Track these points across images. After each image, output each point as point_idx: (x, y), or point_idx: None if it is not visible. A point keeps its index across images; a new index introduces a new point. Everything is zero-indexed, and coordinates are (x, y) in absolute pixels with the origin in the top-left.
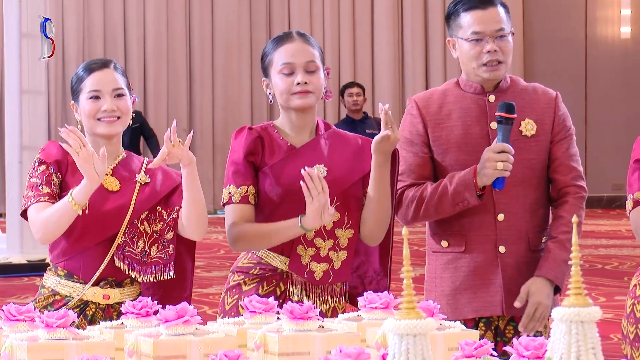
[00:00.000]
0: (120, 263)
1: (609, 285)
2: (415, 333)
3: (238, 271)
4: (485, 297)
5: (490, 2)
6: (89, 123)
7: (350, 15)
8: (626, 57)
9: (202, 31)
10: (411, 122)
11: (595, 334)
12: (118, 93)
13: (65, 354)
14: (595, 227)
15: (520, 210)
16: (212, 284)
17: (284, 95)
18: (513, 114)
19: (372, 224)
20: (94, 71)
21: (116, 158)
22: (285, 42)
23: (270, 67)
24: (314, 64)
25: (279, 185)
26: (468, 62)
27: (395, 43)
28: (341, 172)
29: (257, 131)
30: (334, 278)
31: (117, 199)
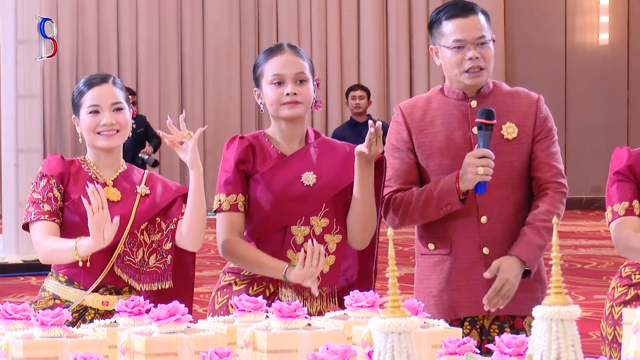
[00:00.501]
0: (120, 271)
1: (588, 284)
2: (400, 331)
3: (229, 272)
4: (470, 297)
5: (471, 11)
6: (89, 136)
7: (337, 22)
8: (604, 64)
9: (193, 39)
10: (397, 129)
11: (575, 332)
12: (117, 107)
13: (59, 352)
14: (574, 228)
15: (503, 212)
16: (203, 283)
17: (274, 105)
18: (492, 120)
19: (358, 227)
20: (94, 86)
21: (117, 170)
22: (276, 54)
23: (261, 77)
24: (304, 75)
25: (270, 191)
26: (450, 68)
27: (380, 50)
28: (330, 178)
29: (249, 140)
30: (323, 282)
31: (118, 210)
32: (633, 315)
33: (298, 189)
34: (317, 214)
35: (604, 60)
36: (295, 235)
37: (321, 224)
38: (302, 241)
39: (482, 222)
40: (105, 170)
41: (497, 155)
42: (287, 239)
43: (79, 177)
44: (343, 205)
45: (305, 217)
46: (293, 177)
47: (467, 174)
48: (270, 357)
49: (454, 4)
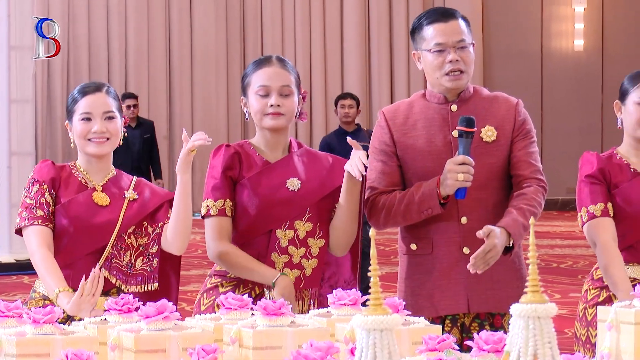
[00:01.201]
0: (107, 274)
1: (564, 282)
2: (382, 328)
3: (215, 275)
4: (451, 296)
5: (451, 16)
6: (80, 142)
7: (320, 33)
8: (579, 69)
9: (180, 46)
10: (380, 133)
11: (551, 329)
12: (108, 116)
13: (51, 349)
14: (550, 228)
15: (483, 213)
16: (190, 282)
17: (257, 115)
18: (473, 128)
19: (341, 234)
20: (87, 94)
21: (106, 175)
22: (264, 65)
23: (248, 87)
24: (289, 89)
25: (256, 196)
26: (432, 72)
27: (362, 59)
28: (314, 185)
29: (234, 148)
30: (305, 284)
31: (107, 214)
32: (607, 313)
33: (283, 194)
34: (301, 218)
35: (579, 65)
36: (280, 239)
37: (305, 228)
38: (286, 244)
39: (463, 222)
40: (95, 175)
41: (476, 157)
42: (272, 243)
43: (69, 182)
44: (326, 210)
45: (289, 221)
46: (279, 182)
47: (447, 179)
48: (256, 353)
49: (434, 10)
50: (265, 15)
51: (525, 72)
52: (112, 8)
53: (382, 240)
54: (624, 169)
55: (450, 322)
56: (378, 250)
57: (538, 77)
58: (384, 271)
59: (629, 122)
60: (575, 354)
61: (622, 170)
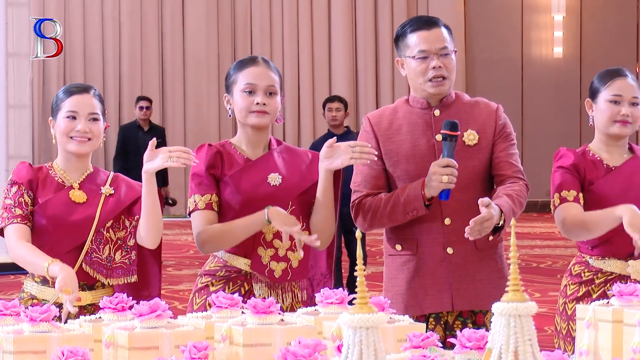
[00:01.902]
0: (88, 268)
1: (544, 282)
2: (368, 326)
3: (205, 274)
4: (435, 294)
5: (434, 24)
6: (62, 139)
7: (308, 36)
8: (559, 75)
9: (173, 52)
10: (365, 137)
11: (532, 327)
12: (93, 117)
13: (47, 346)
14: (530, 230)
15: (466, 213)
16: (182, 281)
17: (243, 112)
18: (456, 132)
19: (320, 228)
20: (75, 94)
21: (84, 173)
22: (250, 64)
23: (233, 85)
24: (274, 88)
25: (239, 192)
26: (415, 78)
27: (349, 63)
28: (295, 180)
29: (216, 147)
30: (292, 276)
31: (84, 210)
32: (586, 312)
33: (265, 189)
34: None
35: (558, 72)
36: (265, 233)
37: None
38: (271, 238)
39: (446, 223)
40: (73, 174)
41: (459, 160)
42: (257, 237)
43: (46, 183)
44: (308, 204)
45: None
46: (260, 178)
47: (432, 181)
48: (246, 350)
49: (418, 19)
50: (254, 23)
51: (506, 79)
52: (106, 15)
53: (368, 241)
54: (597, 166)
55: (434, 320)
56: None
57: (518, 83)
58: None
59: (601, 119)
60: (554, 351)
61: (596, 166)
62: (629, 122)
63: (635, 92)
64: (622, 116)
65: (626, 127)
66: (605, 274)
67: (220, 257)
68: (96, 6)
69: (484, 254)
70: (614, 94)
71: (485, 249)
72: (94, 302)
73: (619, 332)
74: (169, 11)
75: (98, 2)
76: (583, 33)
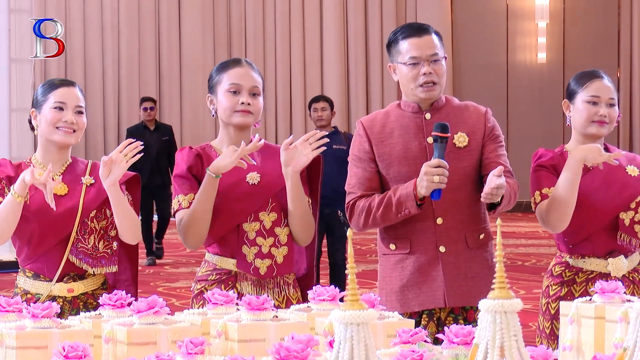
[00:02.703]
0: (74, 259)
1: (528, 279)
2: (359, 322)
3: (199, 280)
4: (428, 292)
5: (425, 31)
6: (47, 129)
7: (301, 41)
8: (542, 80)
9: (170, 57)
10: (359, 141)
11: (517, 323)
12: (79, 110)
13: (49, 341)
14: (516, 229)
15: (457, 213)
16: (179, 279)
17: (227, 111)
18: (447, 134)
19: (298, 229)
20: (61, 86)
21: (64, 164)
22: (235, 66)
23: (217, 85)
24: (257, 89)
25: (219, 194)
26: (407, 83)
27: (340, 67)
28: (273, 177)
29: (196, 150)
30: (278, 272)
31: (67, 202)
32: (569, 308)
33: (244, 189)
34: (265, 209)
35: (542, 77)
36: (248, 232)
37: (270, 218)
38: (254, 236)
39: (438, 223)
40: (53, 166)
41: (450, 162)
42: (241, 236)
43: None
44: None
45: (254, 214)
46: (239, 178)
47: (424, 181)
48: (241, 346)
49: (409, 26)
50: (248, 28)
51: (492, 83)
52: (106, 22)
53: (358, 240)
54: None
55: (427, 317)
56: (355, 249)
57: (504, 87)
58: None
59: (579, 119)
60: (539, 346)
61: None
62: (606, 123)
63: (612, 94)
64: (599, 116)
65: (603, 127)
66: (585, 273)
67: (210, 262)
68: (96, 12)
69: (474, 252)
70: (592, 95)
71: (476, 248)
72: (86, 290)
73: (601, 328)
74: (165, 17)
75: (98, 9)
76: (566, 39)
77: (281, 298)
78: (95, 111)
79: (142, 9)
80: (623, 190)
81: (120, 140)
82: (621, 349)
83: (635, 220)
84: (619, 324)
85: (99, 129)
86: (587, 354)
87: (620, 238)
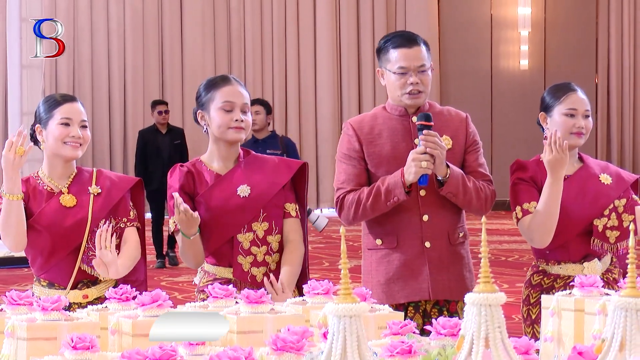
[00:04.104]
0: (85, 267)
1: (511, 274)
2: (351, 315)
3: (200, 291)
4: (414, 285)
5: (414, 42)
6: (55, 145)
7: (295, 48)
8: (525, 86)
9: (172, 64)
10: (348, 140)
11: (501, 316)
12: (83, 124)
13: (58, 333)
14: (499, 226)
15: (441, 211)
16: (182, 274)
17: (221, 128)
18: (430, 122)
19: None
20: (64, 102)
21: (70, 176)
22: (225, 84)
23: (210, 102)
24: (247, 106)
25: (211, 209)
26: (394, 90)
27: (333, 73)
28: (262, 188)
29: (187, 167)
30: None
31: (76, 214)
32: (550, 301)
33: (236, 202)
34: (257, 220)
35: (524, 83)
36: (242, 242)
37: (262, 228)
38: (248, 246)
39: (424, 220)
40: (60, 180)
41: None
42: (236, 247)
43: (36, 193)
44: (277, 207)
45: (247, 225)
46: (230, 192)
47: (412, 167)
48: (239, 337)
49: (400, 35)
50: (247, 36)
51: (477, 88)
52: (112, 32)
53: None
54: None
55: (413, 309)
56: (347, 245)
57: (488, 92)
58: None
59: (558, 130)
60: (522, 337)
61: None
62: (582, 134)
63: (587, 106)
64: (577, 128)
65: (580, 138)
66: (563, 278)
67: (209, 272)
68: (102, 22)
69: (454, 249)
70: (569, 107)
71: (455, 245)
72: (100, 295)
73: (580, 320)
74: (168, 26)
75: (104, 18)
76: (547, 47)
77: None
78: (102, 114)
79: (146, 18)
80: (597, 198)
81: (126, 142)
82: (599, 339)
83: (607, 226)
84: (597, 316)
85: (105, 131)
86: (567, 344)
87: (593, 243)
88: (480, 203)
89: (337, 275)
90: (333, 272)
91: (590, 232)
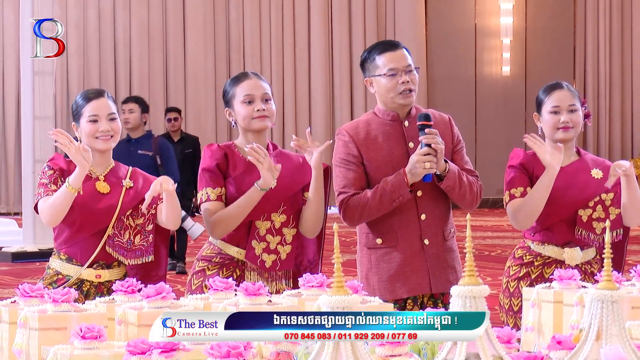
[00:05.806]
0: (111, 250)
1: (494, 268)
2: (343, 306)
3: (202, 259)
4: (416, 280)
5: (397, 46)
6: (88, 140)
7: (291, 55)
8: (507, 91)
9: (175, 69)
10: (346, 146)
11: (485, 306)
12: (111, 117)
13: (68, 323)
14: (483, 223)
15: (436, 210)
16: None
17: (246, 120)
18: (430, 122)
19: (312, 220)
20: (92, 99)
21: (107, 167)
22: (244, 79)
23: (233, 99)
24: (268, 95)
25: (240, 193)
26: (386, 93)
27: (326, 79)
28: (286, 182)
29: (223, 148)
30: (281, 266)
31: (108, 200)
32: (531, 294)
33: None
34: (277, 210)
35: (506, 88)
36: (259, 228)
37: (280, 219)
38: (264, 233)
39: (422, 219)
40: (98, 168)
41: None
42: (252, 231)
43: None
44: (297, 203)
45: (267, 214)
46: None
47: (416, 168)
48: None
49: (381, 42)
50: (246, 45)
51: (462, 94)
52: (118, 40)
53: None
54: None
55: (412, 302)
56: (340, 241)
57: (472, 97)
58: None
59: (547, 128)
60: (504, 327)
61: None
62: (570, 127)
63: (572, 101)
64: (562, 123)
65: (568, 132)
66: (543, 257)
67: (215, 245)
68: (109, 31)
69: (447, 244)
70: (553, 105)
71: (448, 240)
72: (111, 279)
73: (559, 311)
74: (172, 35)
75: (110, 28)
76: (528, 55)
77: (277, 288)
78: None
79: (151, 28)
80: (584, 190)
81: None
82: (577, 329)
83: (593, 217)
84: (575, 308)
85: None
86: (547, 334)
87: (577, 232)
88: (472, 196)
89: (330, 269)
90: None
91: (575, 221)
